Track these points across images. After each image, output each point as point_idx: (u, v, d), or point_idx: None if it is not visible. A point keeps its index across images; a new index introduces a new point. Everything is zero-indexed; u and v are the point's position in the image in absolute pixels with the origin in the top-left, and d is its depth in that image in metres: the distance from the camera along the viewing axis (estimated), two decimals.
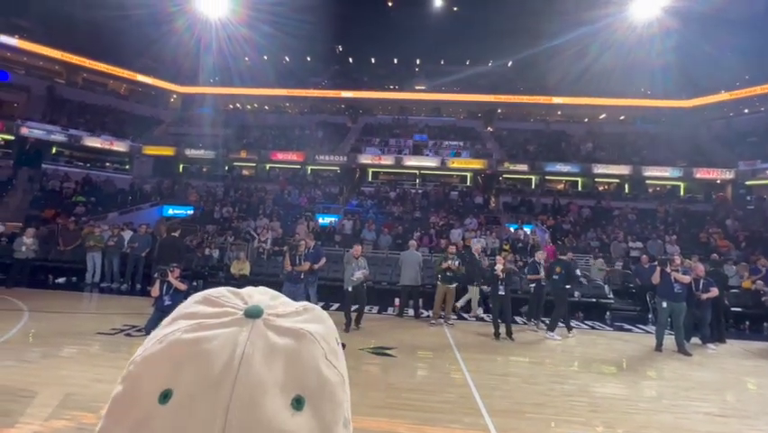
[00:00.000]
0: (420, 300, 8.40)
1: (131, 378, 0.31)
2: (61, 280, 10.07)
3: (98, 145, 22.07)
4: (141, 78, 28.18)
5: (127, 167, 23.89)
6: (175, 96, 30.67)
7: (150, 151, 24.04)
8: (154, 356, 0.31)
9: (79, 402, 3.61)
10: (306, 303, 0.37)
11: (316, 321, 0.35)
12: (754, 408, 4.37)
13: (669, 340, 6.65)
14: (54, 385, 3.98)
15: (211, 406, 0.27)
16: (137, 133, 24.12)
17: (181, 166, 25.41)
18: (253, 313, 0.32)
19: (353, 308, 6.96)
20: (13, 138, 20.16)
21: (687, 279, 6.58)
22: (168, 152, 24.20)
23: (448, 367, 5.27)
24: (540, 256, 8.06)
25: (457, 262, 7.67)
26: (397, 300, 8.55)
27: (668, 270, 6.59)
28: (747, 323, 8.95)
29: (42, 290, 9.04)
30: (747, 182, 20.83)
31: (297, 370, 0.30)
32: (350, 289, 6.90)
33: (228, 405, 0.27)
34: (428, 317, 7.99)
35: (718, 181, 21.62)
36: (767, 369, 6.00)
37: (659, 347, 6.52)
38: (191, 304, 0.35)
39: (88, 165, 21.87)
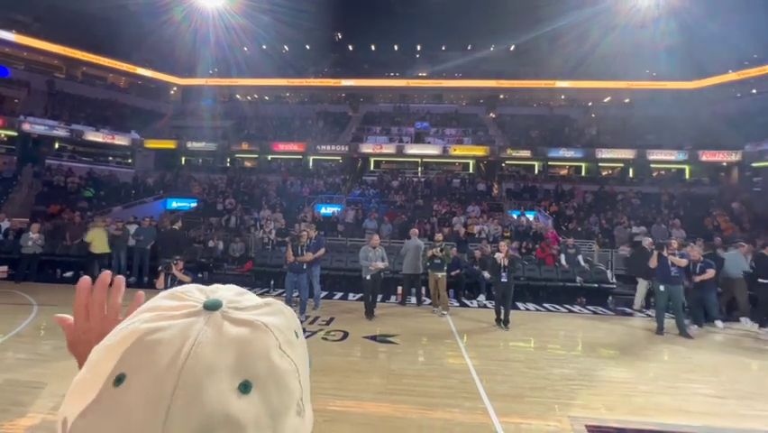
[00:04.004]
0: (423, 288, 8.47)
1: (91, 364, 0.33)
2: (69, 274, 10.22)
3: (100, 140, 22.14)
4: (140, 70, 28.08)
5: (129, 161, 24.00)
6: (175, 88, 30.57)
7: (152, 144, 24.08)
8: (113, 344, 0.33)
9: None
10: (270, 299, 0.39)
11: (275, 314, 0.36)
12: (753, 388, 4.41)
13: (672, 323, 6.68)
14: (66, 376, 4.07)
15: (159, 388, 0.29)
16: (138, 126, 24.13)
17: (183, 159, 25.48)
18: (211, 306, 0.34)
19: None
20: (16, 134, 20.25)
21: (683, 262, 6.61)
22: (169, 145, 24.24)
23: (450, 353, 5.34)
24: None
25: (452, 249, 7.69)
26: (399, 288, 8.62)
27: (665, 253, 6.60)
28: (750, 306, 8.93)
29: (51, 285, 9.19)
30: (754, 164, 20.54)
31: (247, 357, 0.32)
32: (368, 278, 7.02)
33: (174, 388, 0.29)
34: (430, 304, 8.06)
35: (724, 164, 21.36)
36: (765, 350, 6.02)
37: (660, 331, 6.56)
38: (156, 299, 0.37)
39: (91, 160, 21.97)
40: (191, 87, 30.25)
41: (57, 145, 21.74)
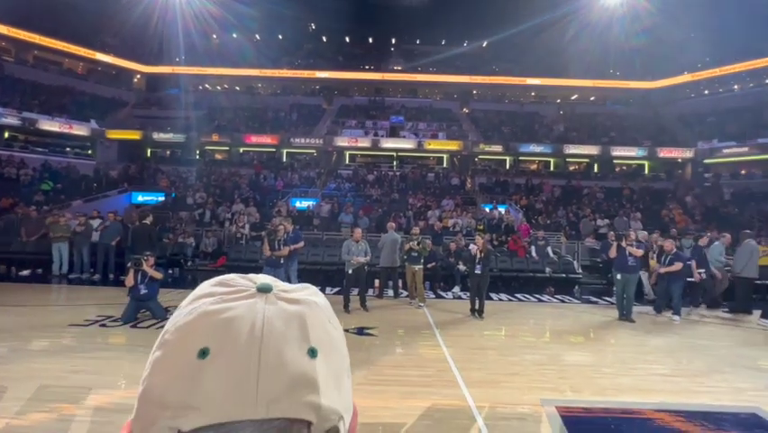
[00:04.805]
0: (399, 281, 8.58)
1: (168, 344, 0.36)
2: (26, 272, 9.62)
3: (56, 129, 20.76)
4: (99, 56, 26.43)
5: (90, 152, 22.66)
6: (138, 76, 29.03)
7: (114, 134, 22.84)
8: (187, 324, 0.36)
9: (57, 394, 3.56)
10: (304, 283, 0.44)
11: (316, 295, 0.43)
12: (703, 367, 4.81)
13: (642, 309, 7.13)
14: (27, 379, 3.88)
15: (246, 356, 0.34)
16: (98, 115, 22.79)
17: (149, 150, 24.35)
18: (265, 288, 0.39)
19: (356, 291, 7.22)
20: None
21: (640, 252, 7.00)
22: (133, 135, 23.07)
23: (427, 344, 5.47)
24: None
25: (428, 242, 7.84)
26: (376, 282, 8.69)
27: (623, 244, 6.99)
28: (703, 291, 9.65)
29: (5, 284, 8.63)
30: (705, 161, 22.03)
31: (308, 328, 0.37)
32: (350, 271, 7.04)
33: (259, 354, 0.34)
34: (407, 297, 8.18)
35: (679, 160, 22.77)
36: (717, 332, 6.58)
37: (621, 316, 6.97)
38: (208, 286, 0.41)
39: (46, 150, 20.57)
40: (156, 75, 28.83)
41: (6, 134, 20.20)
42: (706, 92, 26.20)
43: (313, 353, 0.36)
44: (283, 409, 0.33)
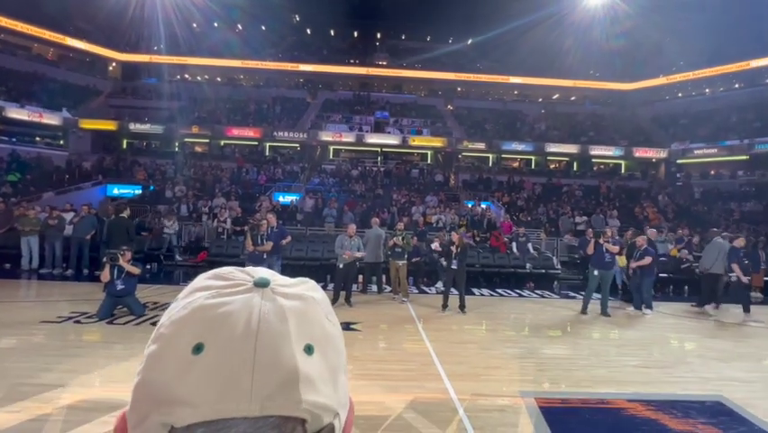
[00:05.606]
0: (383, 276, 8.60)
1: (163, 338, 0.35)
2: None
3: (25, 118, 19.79)
4: (71, 41, 25.26)
5: (62, 142, 21.73)
6: (114, 63, 27.95)
7: (88, 124, 21.95)
8: (183, 319, 0.36)
9: (29, 394, 3.43)
10: (302, 278, 0.43)
11: (314, 290, 0.41)
12: (672, 359, 5.05)
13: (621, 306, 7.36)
14: None
15: (242, 351, 0.33)
16: (70, 104, 21.84)
17: (125, 141, 23.54)
18: (262, 283, 0.38)
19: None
20: None
21: (616, 248, 7.21)
22: (109, 126, 22.24)
23: (410, 338, 5.53)
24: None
25: (412, 237, 7.89)
26: (360, 277, 8.68)
27: (601, 241, 7.19)
28: (671, 286, 10.11)
29: None
30: (678, 161, 22.90)
31: (305, 324, 0.37)
32: (341, 266, 7.00)
33: (254, 351, 0.33)
34: (391, 292, 8.23)
35: (654, 160, 23.58)
36: (686, 326, 6.88)
37: (583, 311, 7.16)
38: (203, 280, 0.40)
39: (14, 140, 19.60)
40: (133, 64, 27.82)
41: None
42: (680, 95, 27.16)
43: (309, 350, 0.36)
44: (277, 406, 0.33)
